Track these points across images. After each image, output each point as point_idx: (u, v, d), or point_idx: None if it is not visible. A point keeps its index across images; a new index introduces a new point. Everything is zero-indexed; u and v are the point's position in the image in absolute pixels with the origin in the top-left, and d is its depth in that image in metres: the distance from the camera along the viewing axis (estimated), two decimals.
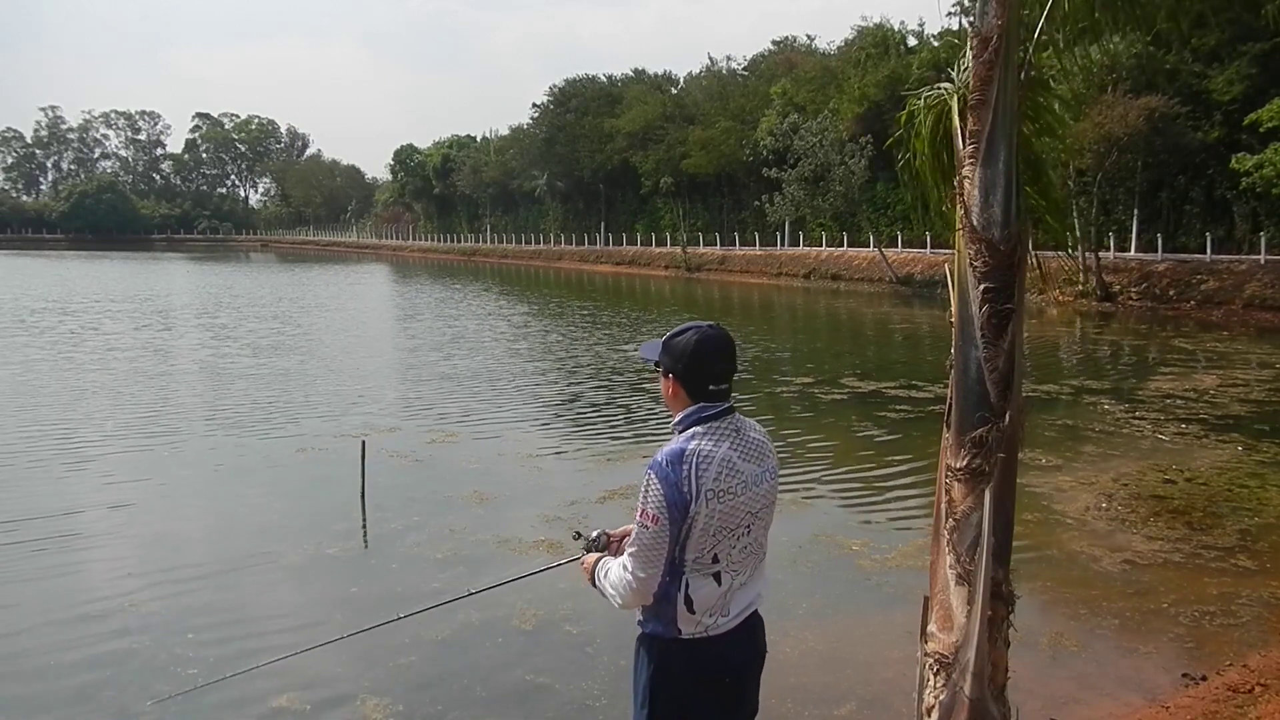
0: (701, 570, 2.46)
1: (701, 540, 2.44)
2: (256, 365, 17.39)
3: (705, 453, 2.43)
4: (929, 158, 4.06)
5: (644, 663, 2.55)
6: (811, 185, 43.70)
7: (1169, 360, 18.20)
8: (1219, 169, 30.21)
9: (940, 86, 4.00)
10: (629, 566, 2.48)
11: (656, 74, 75.19)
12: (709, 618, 2.48)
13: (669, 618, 2.48)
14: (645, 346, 2.72)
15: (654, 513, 2.40)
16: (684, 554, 2.45)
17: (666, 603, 2.47)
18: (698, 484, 2.40)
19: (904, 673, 4.43)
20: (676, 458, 2.43)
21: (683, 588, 2.46)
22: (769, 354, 19.77)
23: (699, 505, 2.41)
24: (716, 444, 2.46)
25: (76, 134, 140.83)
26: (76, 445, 10.67)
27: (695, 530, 2.43)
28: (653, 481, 2.41)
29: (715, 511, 2.43)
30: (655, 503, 2.40)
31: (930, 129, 4.01)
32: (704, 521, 2.42)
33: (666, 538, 2.41)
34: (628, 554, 2.50)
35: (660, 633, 2.50)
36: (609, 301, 36.56)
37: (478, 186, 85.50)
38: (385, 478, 8.98)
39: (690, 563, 2.46)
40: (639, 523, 2.44)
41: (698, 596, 2.46)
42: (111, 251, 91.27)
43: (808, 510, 8.29)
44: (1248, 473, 9.33)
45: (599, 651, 5.35)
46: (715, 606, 2.48)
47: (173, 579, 6.63)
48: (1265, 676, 4.89)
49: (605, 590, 2.57)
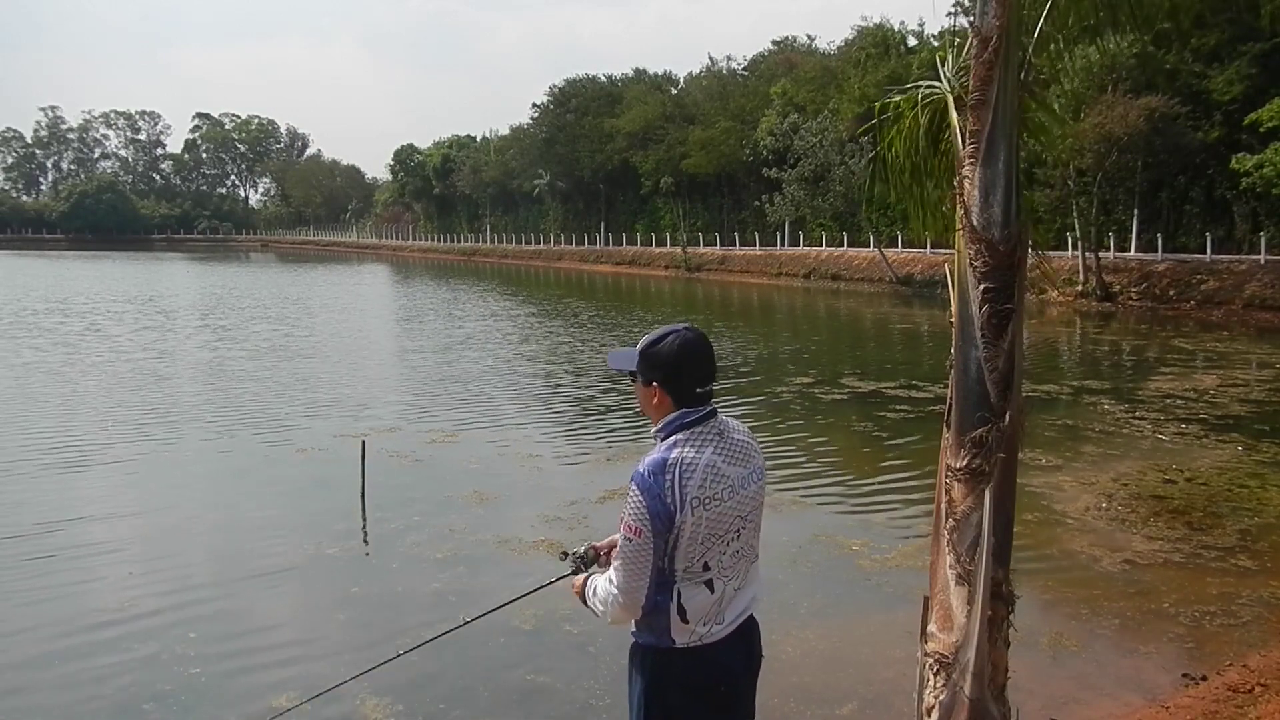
0: (693, 579, 2.43)
1: (690, 549, 2.40)
2: (257, 366, 17.39)
3: (689, 461, 2.39)
4: (911, 157, 4.09)
5: (638, 674, 2.52)
6: (811, 185, 43.72)
7: (1169, 360, 18.20)
8: (1219, 169, 30.20)
9: (922, 85, 4.02)
10: (613, 580, 2.45)
11: (656, 74, 75.26)
12: (703, 626, 2.45)
13: (661, 628, 2.44)
14: (615, 356, 2.65)
15: (636, 525, 2.36)
16: (673, 564, 2.42)
17: (658, 614, 2.43)
18: (682, 494, 2.36)
19: (905, 672, 4.43)
20: (659, 468, 2.38)
21: (674, 598, 2.42)
22: (769, 354, 19.77)
23: (684, 515, 2.37)
24: (699, 450, 2.42)
25: (76, 134, 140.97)
26: (77, 445, 10.67)
27: (683, 540, 2.39)
28: (635, 493, 2.37)
29: (702, 519, 2.39)
30: (637, 515, 2.36)
31: (910, 129, 4.04)
32: (691, 530, 2.38)
33: (650, 550, 2.37)
34: (612, 568, 2.49)
35: (654, 643, 2.47)
36: (609, 302, 36.55)
37: (478, 186, 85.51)
38: (385, 478, 8.98)
39: (681, 572, 2.42)
40: (622, 535, 2.41)
41: (691, 606, 2.43)
42: (111, 251, 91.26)
43: (808, 510, 8.29)
44: (1248, 473, 9.33)
45: (600, 651, 5.35)
46: (710, 614, 2.45)
47: (173, 578, 6.64)
48: (1265, 676, 4.89)
49: (595, 608, 2.55)
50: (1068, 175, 30.83)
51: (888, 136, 4.28)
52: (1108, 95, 29.15)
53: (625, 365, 2.58)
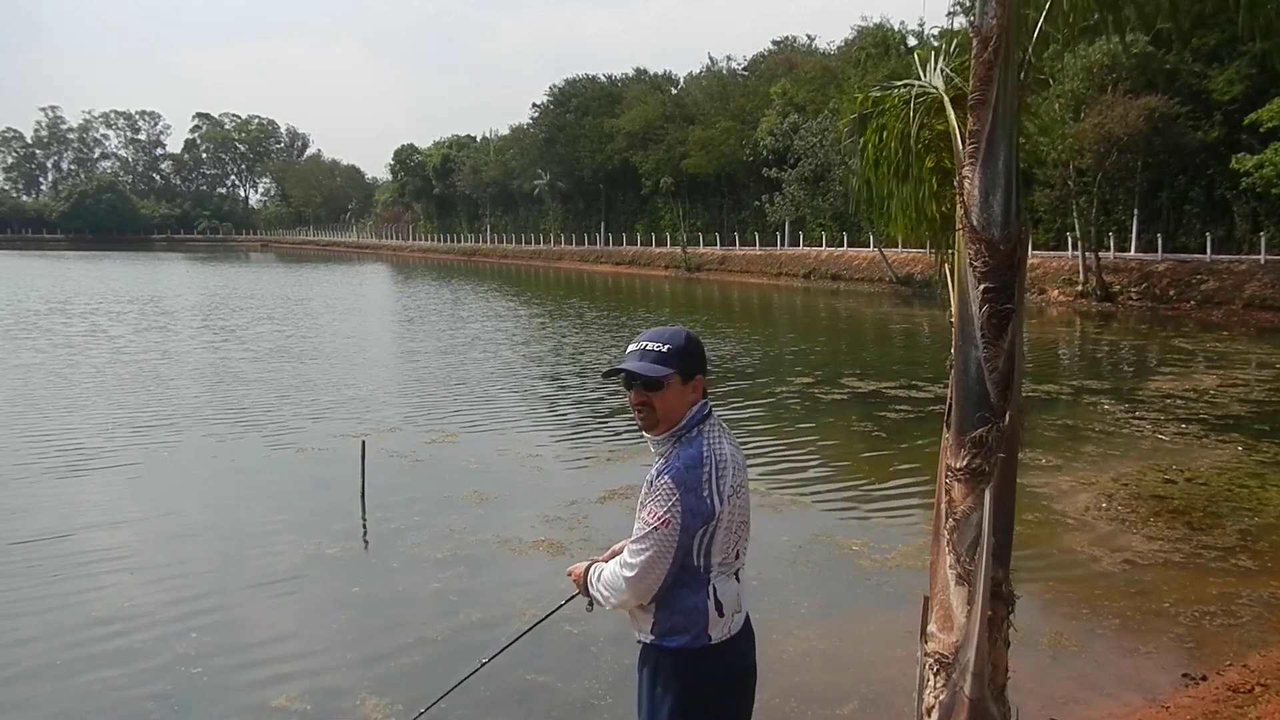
0: (726, 570, 2.45)
1: (725, 540, 2.43)
2: (257, 366, 17.39)
3: (721, 454, 2.42)
4: (891, 157, 4.10)
5: (669, 680, 2.45)
6: (811, 185, 43.71)
7: (1169, 360, 18.20)
8: (1219, 169, 30.21)
9: (899, 85, 4.03)
10: (628, 563, 2.42)
11: (657, 74, 75.27)
12: (733, 617, 2.47)
13: (699, 628, 2.42)
14: (642, 367, 2.45)
15: (667, 516, 2.34)
16: (709, 559, 2.41)
17: (695, 613, 2.42)
18: (719, 486, 2.39)
19: (905, 672, 4.43)
20: (695, 462, 2.39)
21: (710, 594, 2.42)
22: (769, 354, 19.77)
23: (723, 506, 2.39)
24: (720, 443, 2.46)
25: (76, 134, 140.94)
26: (77, 445, 10.67)
27: (719, 532, 2.40)
28: (668, 486, 2.36)
29: (735, 508, 2.43)
30: (670, 508, 2.34)
31: (891, 129, 4.05)
32: (727, 522, 2.41)
33: (675, 542, 2.36)
34: (627, 551, 2.44)
35: (687, 644, 2.43)
36: (610, 302, 36.55)
37: (478, 186, 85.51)
38: (385, 478, 8.98)
39: (717, 565, 2.43)
40: (649, 524, 2.37)
41: (725, 598, 2.44)
42: (111, 251, 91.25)
43: (808, 510, 8.29)
44: (1248, 473, 9.33)
45: (602, 651, 5.35)
46: (736, 604, 2.48)
47: (174, 578, 6.64)
48: (1265, 676, 4.89)
49: (600, 592, 2.52)
50: (1068, 175, 30.83)
51: (872, 135, 4.29)
52: (1108, 95, 29.16)
53: (659, 372, 2.43)
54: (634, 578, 2.41)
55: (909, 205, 4.33)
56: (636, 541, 2.41)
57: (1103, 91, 29.38)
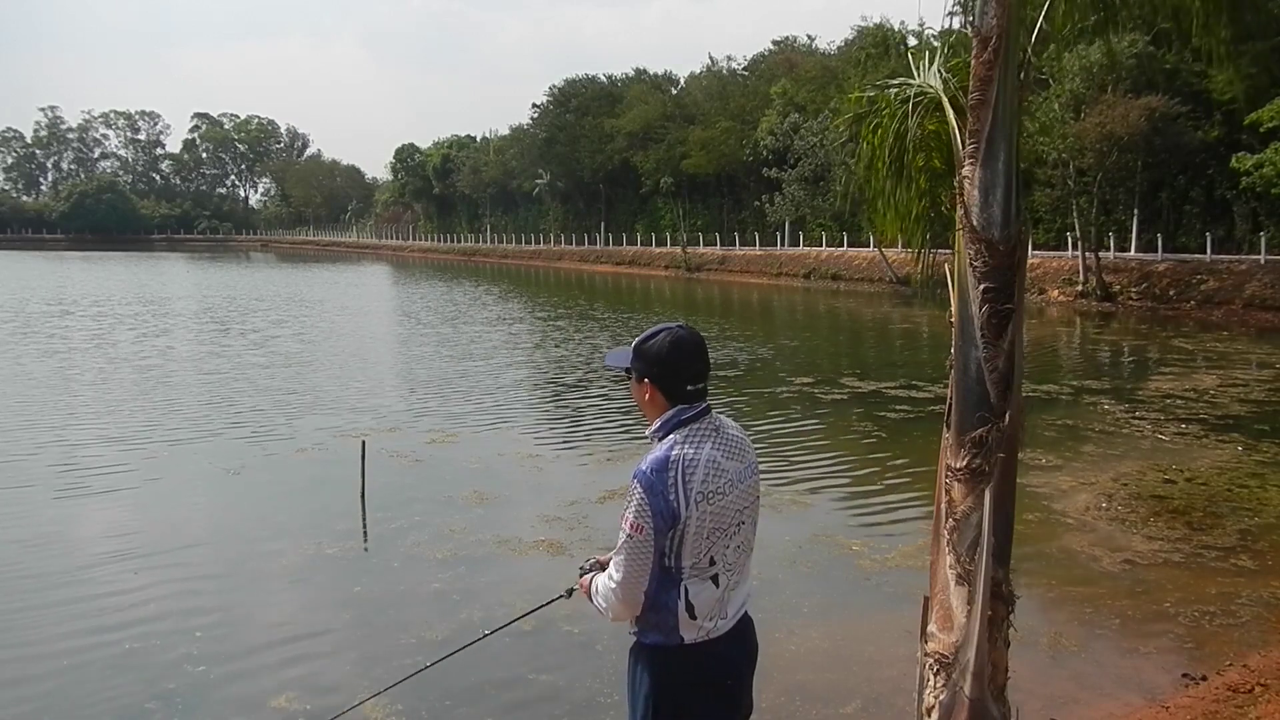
0: (700, 574, 2.46)
1: (696, 544, 2.43)
2: (258, 366, 17.40)
3: (690, 457, 2.43)
4: (882, 158, 4.11)
5: (643, 675, 2.52)
6: (811, 185, 43.70)
7: (1169, 360, 18.19)
8: (1219, 169, 30.19)
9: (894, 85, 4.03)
10: (613, 576, 2.48)
11: (657, 74, 75.21)
12: (709, 621, 2.47)
13: (669, 627, 2.47)
14: (612, 355, 2.68)
15: (638, 522, 2.39)
16: (680, 561, 2.44)
17: (665, 612, 2.46)
18: (686, 490, 2.40)
19: (906, 672, 4.43)
20: (661, 465, 2.41)
21: (682, 595, 2.44)
22: (769, 354, 19.77)
23: (690, 511, 2.40)
24: (698, 446, 2.45)
25: (76, 134, 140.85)
26: (78, 444, 10.68)
27: (688, 536, 2.42)
28: (637, 491, 2.40)
29: (707, 514, 2.42)
30: (639, 512, 2.39)
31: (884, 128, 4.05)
32: (696, 525, 2.41)
33: (650, 547, 2.40)
34: (612, 564, 2.51)
35: (661, 642, 2.48)
36: (610, 302, 36.55)
37: (478, 186, 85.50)
38: (385, 478, 8.99)
39: (688, 569, 2.45)
40: (624, 532, 2.43)
41: (699, 601, 2.45)
42: (111, 251, 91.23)
43: (808, 510, 8.30)
44: (1248, 473, 9.33)
45: (605, 651, 5.35)
46: (715, 610, 2.48)
47: (175, 578, 6.65)
48: (1265, 676, 4.89)
49: (599, 605, 2.57)
50: (1068, 175, 30.82)
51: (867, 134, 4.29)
52: (1108, 95, 29.14)
53: (620, 363, 2.61)
54: (619, 589, 2.46)
55: (901, 205, 4.33)
56: (618, 553, 2.46)
57: (1103, 91, 29.37)
